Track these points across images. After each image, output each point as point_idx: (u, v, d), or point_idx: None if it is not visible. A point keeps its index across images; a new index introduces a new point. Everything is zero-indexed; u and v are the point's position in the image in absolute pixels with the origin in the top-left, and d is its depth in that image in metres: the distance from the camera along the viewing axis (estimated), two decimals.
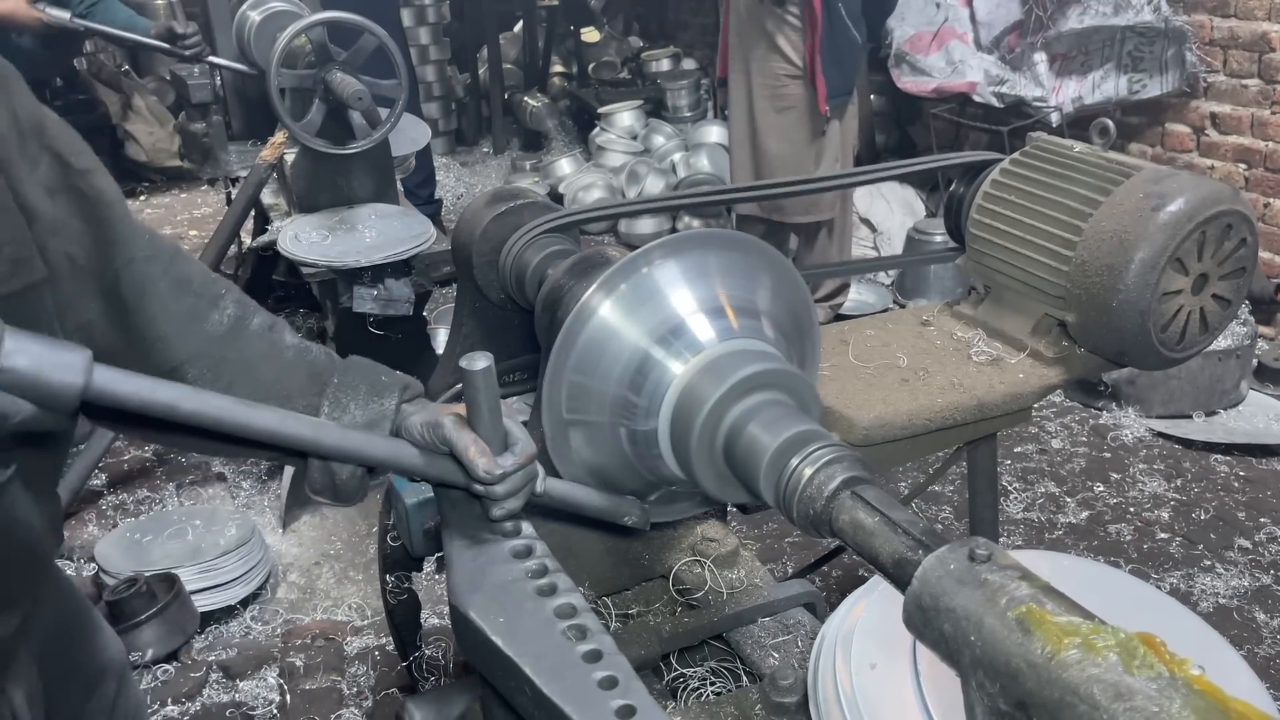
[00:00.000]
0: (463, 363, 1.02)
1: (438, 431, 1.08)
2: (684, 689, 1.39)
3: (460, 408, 1.10)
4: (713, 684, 1.40)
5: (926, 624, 0.83)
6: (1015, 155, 1.80)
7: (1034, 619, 0.75)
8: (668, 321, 1.18)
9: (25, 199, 1.00)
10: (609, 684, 0.89)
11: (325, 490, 1.17)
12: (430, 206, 5.42)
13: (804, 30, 3.96)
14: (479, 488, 1.07)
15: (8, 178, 0.97)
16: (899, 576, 0.88)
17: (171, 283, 1.12)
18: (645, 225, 5.69)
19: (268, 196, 3.77)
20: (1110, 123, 1.74)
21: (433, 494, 1.37)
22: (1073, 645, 0.72)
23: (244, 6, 3.96)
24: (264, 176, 3.49)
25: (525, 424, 1.35)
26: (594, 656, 0.92)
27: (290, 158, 3.53)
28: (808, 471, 1.00)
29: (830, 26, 3.93)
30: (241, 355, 1.15)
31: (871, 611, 1.16)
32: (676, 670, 1.42)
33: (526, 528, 1.11)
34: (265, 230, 3.76)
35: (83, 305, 1.06)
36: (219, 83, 4.33)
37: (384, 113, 3.22)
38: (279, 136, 3.43)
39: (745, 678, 1.40)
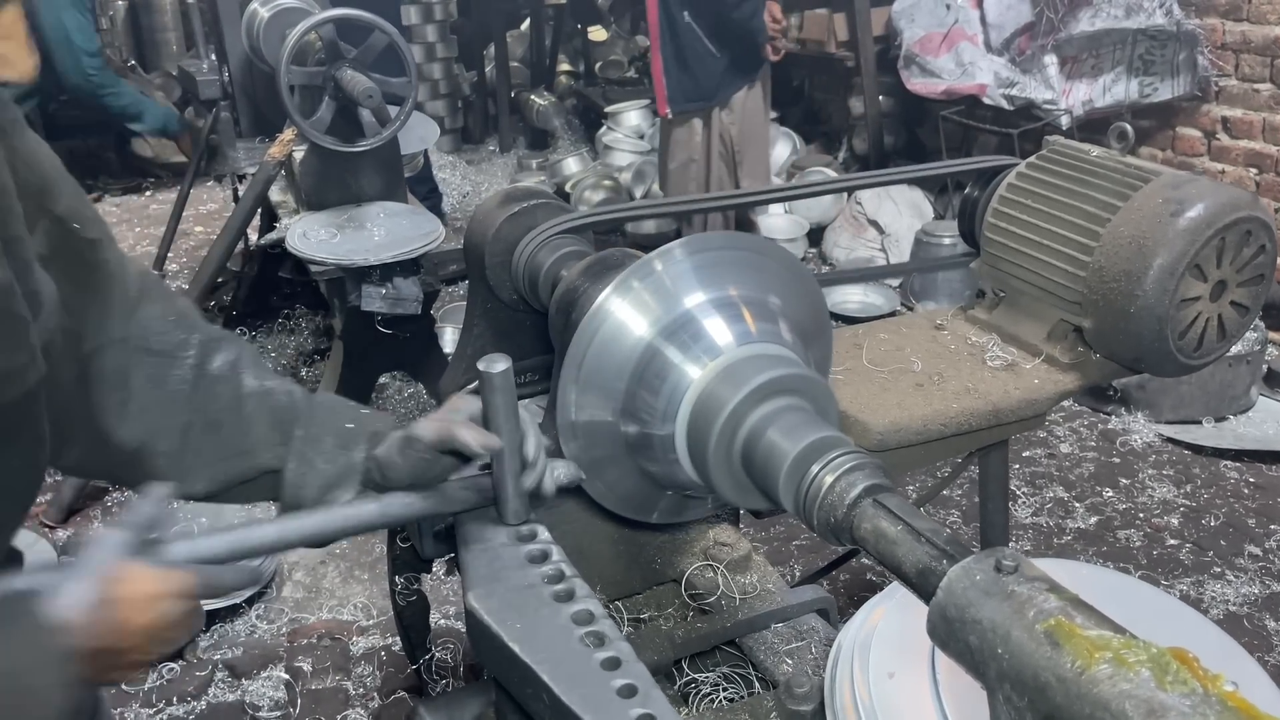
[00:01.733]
0: (481, 365, 1.01)
1: (417, 446, 1.04)
2: (695, 694, 1.38)
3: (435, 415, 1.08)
4: (725, 690, 1.39)
5: (952, 635, 0.82)
6: (1032, 159, 1.79)
7: (1063, 632, 0.74)
8: (685, 325, 1.17)
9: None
10: (628, 692, 0.88)
11: None
12: (431, 199, 5.41)
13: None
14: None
15: (14, 260, 0.90)
16: (922, 586, 0.87)
17: (133, 349, 1.06)
18: (650, 225, 5.68)
19: (275, 194, 3.76)
20: (1128, 127, 1.73)
21: None
22: (1104, 660, 0.71)
23: (253, 2, 3.95)
24: (272, 173, 3.48)
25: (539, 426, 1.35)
26: (613, 664, 0.91)
27: (299, 155, 3.52)
28: (829, 479, 0.99)
29: (670, 27, 4.17)
30: (204, 415, 1.09)
31: (889, 619, 1.15)
32: (688, 675, 1.41)
33: (542, 532, 1.10)
34: (273, 227, 3.75)
35: (62, 370, 1.00)
36: (227, 79, 4.32)
37: (393, 110, 3.21)
38: (288, 133, 3.42)
39: (758, 684, 1.39)
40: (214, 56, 4.59)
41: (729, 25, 4.21)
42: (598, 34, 8.36)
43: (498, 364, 1.02)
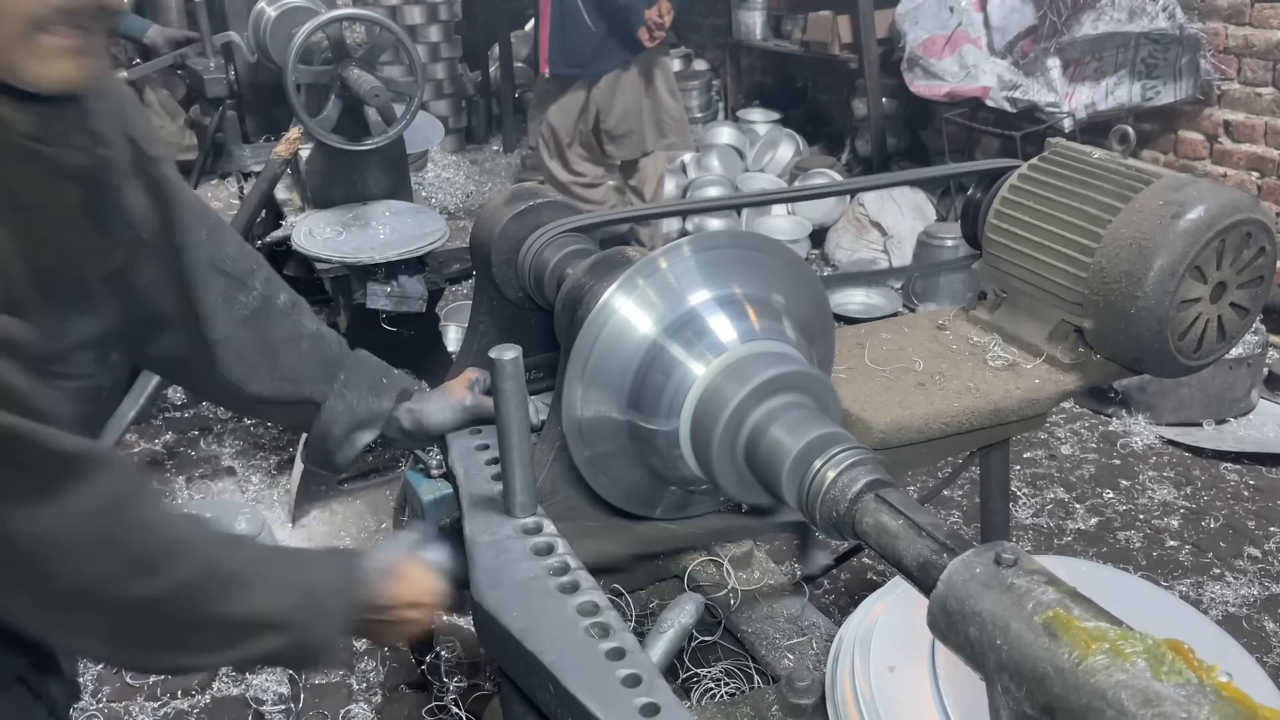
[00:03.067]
0: (492, 353, 1.04)
1: (455, 407, 1.31)
2: (698, 689, 1.40)
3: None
4: (726, 684, 1.40)
5: (951, 627, 0.83)
6: (1034, 161, 1.80)
7: (1061, 624, 0.75)
8: (689, 322, 1.19)
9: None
10: (632, 682, 0.89)
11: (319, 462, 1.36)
12: None
13: None
14: None
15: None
16: (923, 580, 0.89)
17: (209, 263, 1.21)
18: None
19: (281, 192, 3.78)
20: (1130, 129, 1.74)
21: (450, 490, 1.38)
22: (1100, 651, 0.72)
23: (260, 2, 3.97)
24: (278, 172, 3.49)
25: (543, 422, 1.36)
26: (617, 654, 0.92)
27: (305, 153, 3.54)
28: (831, 474, 1.00)
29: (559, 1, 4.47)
30: (265, 339, 1.27)
31: (889, 614, 1.16)
32: (690, 670, 1.43)
33: (548, 525, 1.12)
34: (279, 225, 3.77)
35: (146, 271, 1.16)
36: (234, 77, 4.34)
37: (399, 109, 3.23)
38: (294, 132, 3.43)
39: (759, 678, 1.41)
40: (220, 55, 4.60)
41: (603, 1, 4.45)
42: None
43: (508, 352, 1.04)
